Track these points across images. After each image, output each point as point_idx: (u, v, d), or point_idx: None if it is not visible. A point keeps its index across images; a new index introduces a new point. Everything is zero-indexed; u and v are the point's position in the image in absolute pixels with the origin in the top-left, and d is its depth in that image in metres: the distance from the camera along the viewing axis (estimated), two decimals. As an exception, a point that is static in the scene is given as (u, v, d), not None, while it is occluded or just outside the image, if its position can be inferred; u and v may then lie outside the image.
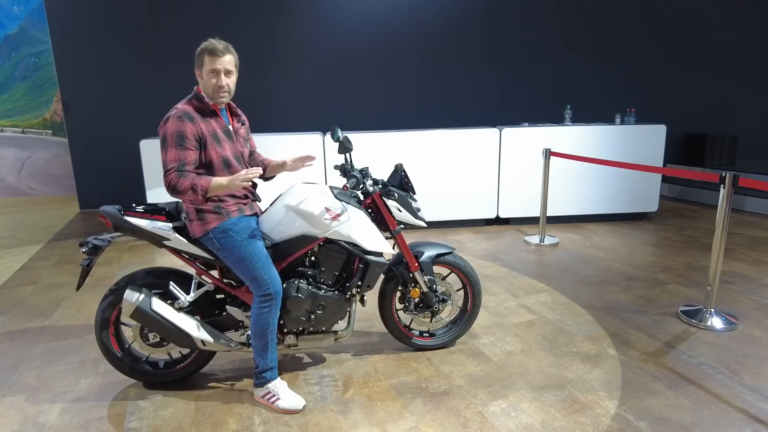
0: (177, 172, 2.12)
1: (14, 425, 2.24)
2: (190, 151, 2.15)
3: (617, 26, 7.75)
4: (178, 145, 2.13)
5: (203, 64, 2.20)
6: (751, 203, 6.17)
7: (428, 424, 2.20)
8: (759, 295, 3.55)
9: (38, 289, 3.96)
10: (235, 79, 2.28)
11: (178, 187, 2.11)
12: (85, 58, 6.57)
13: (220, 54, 2.17)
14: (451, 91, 7.56)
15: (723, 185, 3.01)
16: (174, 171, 2.12)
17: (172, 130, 2.14)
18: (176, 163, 2.13)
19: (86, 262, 2.29)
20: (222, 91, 2.21)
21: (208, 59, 2.18)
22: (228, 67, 2.21)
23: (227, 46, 2.21)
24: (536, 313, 3.34)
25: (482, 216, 5.66)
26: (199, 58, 2.21)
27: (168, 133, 2.14)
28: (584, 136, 5.59)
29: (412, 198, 2.60)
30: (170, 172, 2.13)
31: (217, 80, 2.19)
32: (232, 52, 2.23)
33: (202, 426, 2.21)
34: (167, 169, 2.13)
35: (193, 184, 2.11)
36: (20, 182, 8.08)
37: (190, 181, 2.11)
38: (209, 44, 2.18)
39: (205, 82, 2.21)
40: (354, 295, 2.52)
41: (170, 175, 2.12)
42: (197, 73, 2.24)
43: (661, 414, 2.23)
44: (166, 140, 2.15)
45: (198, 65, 2.22)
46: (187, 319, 2.33)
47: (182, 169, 2.13)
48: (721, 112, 8.40)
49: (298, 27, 7.04)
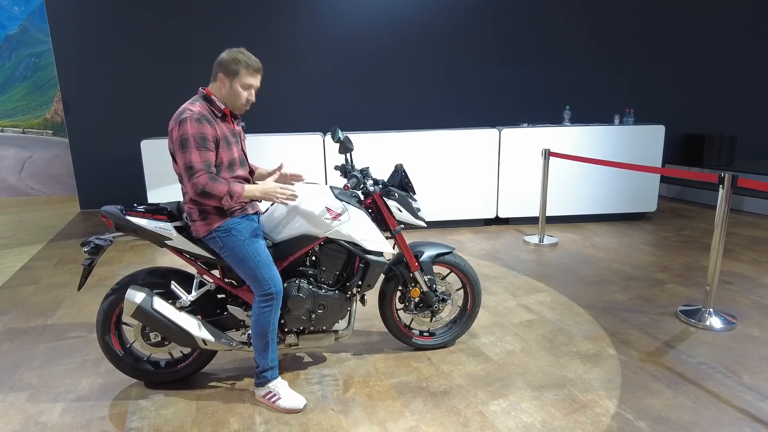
0: (209, 174, 2.12)
1: (16, 425, 2.25)
2: (211, 152, 2.16)
3: (616, 26, 7.77)
4: (201, 146, 2.12)
5: (238, 76, 2.19)
6: (749, 203, 6.18)
7: (429, 423, 2.21)
8: (757, 295, 3.56)
9: (39, 288, 3.96)
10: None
11: (211, 191, 2.09)
12: (85, 58, 6.58)
13: (258, 72, 2.24)
14: (451, 91, 7.57)
15: (722, 185, 3.02)
16: (204, 173, 2.11)
17: (193, 132, 2.11)
18: (204, 164, 2.12)
19: (88, 262, 2.30)
20: (249, 105, 2.28)
21: (245, 73, 2.20)
22: (259, 85, 2.29)
23: (261, 65, 2.27)
24: (536, 312, 3.35)
25: (482, 216, 5.67)
26: (232, 68, 2.19)
27: (189, 134, 2.10)
28: (583, 136, 5.60)
29: (412, 198, 2.61)
30: (201, 174, 2.10)
31: (248, 95, 2.24)
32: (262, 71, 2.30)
33: (204, 425, 2.21)
34: (196, 170, 2.10)
35: (230, 190, 2.12)
36: (21, 182, 8.09)
37: (227, 188, 2.12)
38: (250, 59, 2.20)
39: (234, 92, 2.22)
40: (354, 294, 2.53)
41: (202, 177, 2.10)
42: (224, 78, 2.20)
43: (661, 413, 2.24)
44: (187, 142, 2.10)
45: (229, 74, 2.19)
46: (189, 319, 2.34)
47: (210, 171, 2.14)
48: (719, 113, 8.41)
49: (299, 27, 7.05)
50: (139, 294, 2.28)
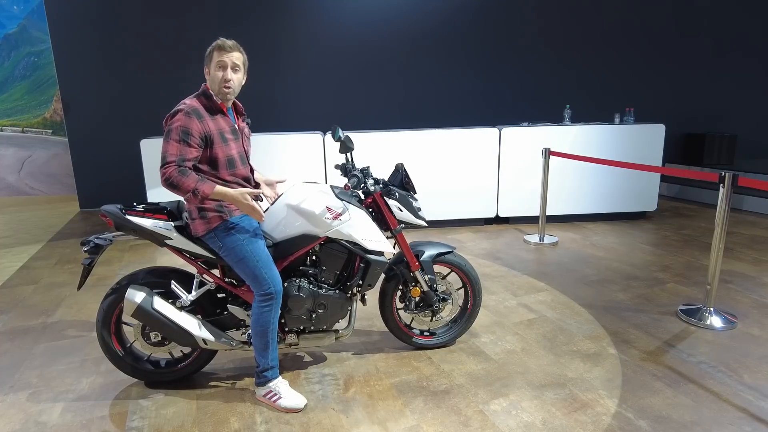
0: (177, 167, 2.11)
1: (16, 424, 2.24)
2: (193, 148, 2.15)
3: (616, 26, 7.76)
4: (181, 140, 2.12)
5: (212, 60, 2.22)
6: (749, 202, 6.18)
7: (429, 422, 2.20)
8: (758, 294, 3.56)
9: (39, 288, 3.96)
10: (241, 78, 2.29)
11: (177, 184, 2.08)
12: (84, 57, 6.57)
13: (229, 49, 2.21)
14: (451, 90, 7.57)
15: (722, 185, 3.02)
16: (174, 165, 2.10)
17: (178, 125, 2.13)
18: (176, 157, 2.11)
19: (88, 261, 2.30)
20: (227, 84, 2.21)
21: (216, 54, 2.21)
22: (236, 62, 2.23)
23: (236, 44, 2.25)
24: (536, 312, 3.35)
25: (482, 215, 5.67)
26: (208, 56, 2.24)
27: (174, 126, 2.13)
28: (583, 135, 5.60)
29: (412, 197, 2.61)
30: (169, 165, 2.10)
31: (223, 74, 2.20)
32: (240, 50, 2.27)
33: (204, 425, 2.21)
34: (166, 161, 2.11)
35: (195, 188, 2.09)
36: (20, 182, 8.08)
37: (193, 184, 2.09)
38: (219, 41, 2.22)
39: (213, 76, 2.22)
40: (355, 294, 2.53)
41: (169, 169, 2.10)
42: (206, 71, 2.26)
43: (661, 412, 2.24)
44: (170, 133, 2.13)
45: (207, 62, 2.24)
46: (189, 318, 2.33)
47: (182, 164, 2.12)
48: (719, 112, 8.41)
49: (299, 27, 7.04)
50: (139, 293, 2.27)
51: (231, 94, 2.25)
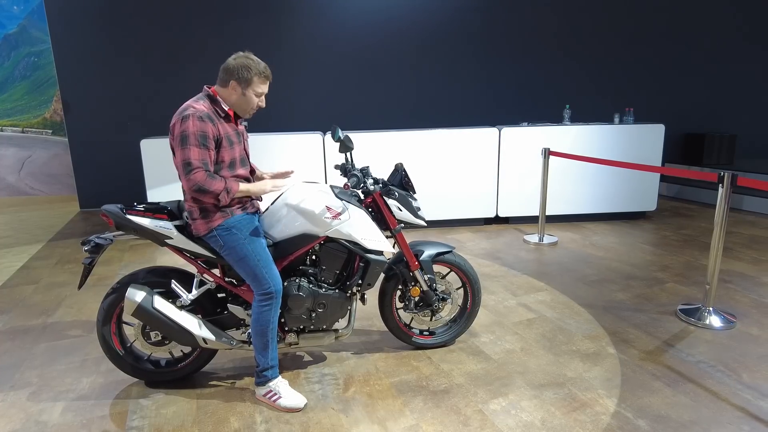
0: (206, 171, 2.14)
1: (16, 424, 2.25)
2: (211, 151, 2.18)
3: (616, 26, 7.76)
4: (201, 144, 2.14)
5: (251, 85, 2.24)
6: (749, 202, 6.19)
7: (429, 422, 2.21)
8: (757, 294, 3.57)
9: (39, 288, 3.96)
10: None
11: (207, 187, 2.12)
12: (84, 57, 6.57)
13: (269, 80, 2.32)
14: (451, 90, 7.57)
15: (722, 185, 3.02)
16: (202, 170, 2.13)
17: (194, 129, 2.13)
18: (201, 162, 2.14)
19: (88, 261, 2.30)
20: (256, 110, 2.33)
21: (258, 81, 2.26)
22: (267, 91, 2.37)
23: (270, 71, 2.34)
24: (536, 311, 3.35)
25: (481, 215, 5.67)
26: (245, 76, 2.22)
27: (190, 131, 2.13)
28: (583, 135, 5.60)
29: (412, 197, 2.61)
30: (198, 170, 2.12)
31: (258, 101, 2.30)
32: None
33: (204, 424, 2.22)
34: (193, 167, 2.12)
35: (227, 187, 2.16)
36: (20, 182, 8.08)
37: (224, 185, 2.15)
38: (260, 66, 2.26)
39: (247, 99, 2.27)
40: (354, 293, 2.53)
41: (199, 174, 2.12)
42: (236, 86, 2.24)
43: (660, 412, 2.25)
44: (187, 138, 2.13)
45: (242, 82, 2.23)
46: (189, 318, 2.34)
47: (208, 169, 2.16)
48: (719, 112, 8.42)
49: (298, 27, 7.04)
50: (140, 293, 2.28)
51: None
